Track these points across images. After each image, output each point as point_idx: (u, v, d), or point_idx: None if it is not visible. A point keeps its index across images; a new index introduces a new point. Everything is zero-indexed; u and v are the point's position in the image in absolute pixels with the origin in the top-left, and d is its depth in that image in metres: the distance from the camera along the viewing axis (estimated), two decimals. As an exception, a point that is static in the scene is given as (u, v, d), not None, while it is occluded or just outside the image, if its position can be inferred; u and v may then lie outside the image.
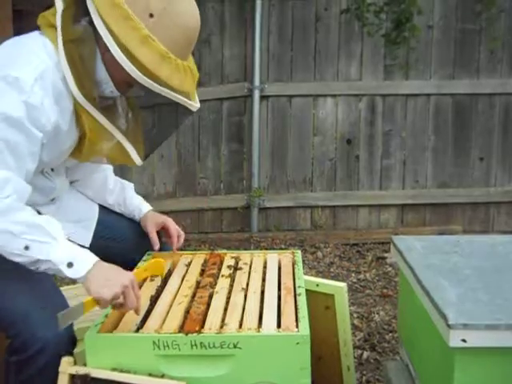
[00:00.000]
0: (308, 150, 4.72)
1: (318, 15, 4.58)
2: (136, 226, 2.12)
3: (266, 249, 4.30)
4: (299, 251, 2.10)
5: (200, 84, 4.53)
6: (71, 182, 2.09)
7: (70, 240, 1.62)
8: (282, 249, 4.32)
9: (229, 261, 2.03)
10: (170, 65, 1.62)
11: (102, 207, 2.12)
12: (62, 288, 2.57)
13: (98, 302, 1.53)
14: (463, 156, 4.77)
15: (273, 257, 2.06)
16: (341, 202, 4.75)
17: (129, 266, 1.99)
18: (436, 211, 4.80)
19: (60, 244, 1.56)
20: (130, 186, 2.16)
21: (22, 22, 1.73)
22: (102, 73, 1.66)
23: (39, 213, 1.75)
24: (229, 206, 4.72)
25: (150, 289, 1.84)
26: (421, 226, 4.75)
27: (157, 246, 2.07)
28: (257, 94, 4.55)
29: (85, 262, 1.56)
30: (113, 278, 1.56)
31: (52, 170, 1.86)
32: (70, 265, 1.54)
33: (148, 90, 1.61)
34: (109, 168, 2.14)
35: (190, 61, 1.73)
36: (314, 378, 1.56)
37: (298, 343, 1.48)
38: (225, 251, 2.18)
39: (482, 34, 4.58)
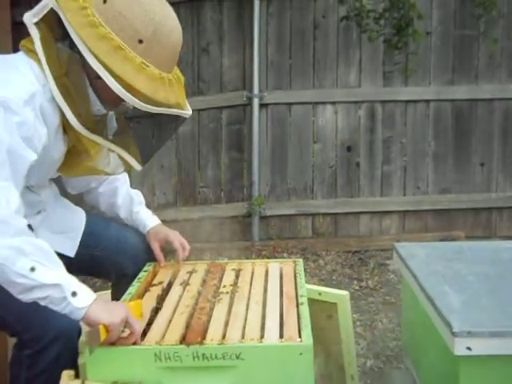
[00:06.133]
0: (308, 157, 4.71)
1: (316, 23, 4.58)
2: (134, 237, 2.09)
3: (268, 257, 4.28)
4: (301, 260, 2.09)
5: (199, 92, 4.57)
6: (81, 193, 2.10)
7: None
8: (283, 257, 4.30)
9: (230, 270, 2.02)
10: (164, 85, 1.64)
11: (92, 215, 2.10)
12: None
13: (108, 328, 1.50)
14: (464, 162, 4.75)
15: (274, 266, 2.05)
16: (342, 210, 4.73)
17: (121, 281, 1.99)
18: (438, 217, 4.78)
19: (64, 272, 1.54)
20: (137, 200, 2.13)
21: (22, 33, 1.73)
22: (90, 96, 1.68)
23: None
24: (229, 215, 4.71)
25: (151, 299, 1.82)
26: (422, 233, 4.72)
27: (162, 263, 2.07)
28: (256, 102, 4.54)
29: (87, 293, 1.54)
30: (115, 307, 1.57)
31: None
32: (74, 294, 1.51)
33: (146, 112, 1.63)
34: (119, 181, 2.11)
35: (175, 68, 1.74)
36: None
37: (301, 353, 1.46)
38: (226, 260, 2.16)
39: (481, 39, 4.58)
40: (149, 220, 2.11)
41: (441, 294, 1.66)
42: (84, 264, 1.96)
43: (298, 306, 1.70)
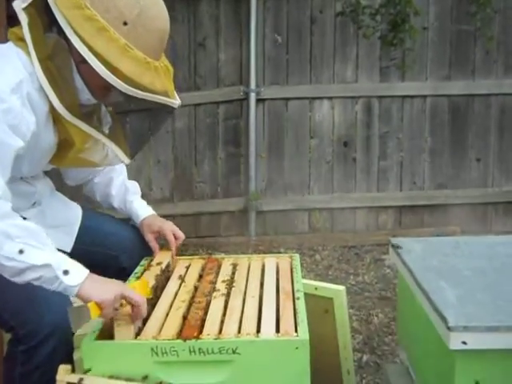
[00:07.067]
0: (305, 152, 4.71)
1: (313, 18, 4.58)
2: (130, 232, 2.10)
3: (264, 252, 4.28)
4: (297, 255, 2.09)
5: (196, 87, 4.57)
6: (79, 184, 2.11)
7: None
8: (280, 252, 4.30)
9: (227, 265, 2.02)
10: (150, 70, 1.63)
11: (88, 210, 2.10)
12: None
13: (100, 306, 1.49)
14: (460, 157, 4.76)
15: (271, 261, 2.05)
16: (338, 205, 4.74)
17: (119, 275, 1.99)
18: (434, 212, 4.79)
19: (54, 251, 1.54)
20: (132, 190, 2.13)
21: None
22: (77, 82, 1.66)
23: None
24: (226, 210, 4.71)
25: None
26: (419, 228, 4.74)
27: (156, 253, 2.06)
28: (253, 97, 4.54)
29: (80, 270, 1.54)
30: (109, 282, 1.56)
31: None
32: (66, 272, 1.50)
33: (132, 97, 1.61)
34: (116, 172, 2.12)
35: (163, 59, 1.73)
36: (314, 383, 1.54)
37: (297, 348, 1.47)
38: (222, 255, 2.16)
39: (477, 34, 4.58)
40: (142, 210, 2.10)
41: (437, 289, 1.67)
42: (80, 259, 1.95)
43: (294, 301, 1.71)
